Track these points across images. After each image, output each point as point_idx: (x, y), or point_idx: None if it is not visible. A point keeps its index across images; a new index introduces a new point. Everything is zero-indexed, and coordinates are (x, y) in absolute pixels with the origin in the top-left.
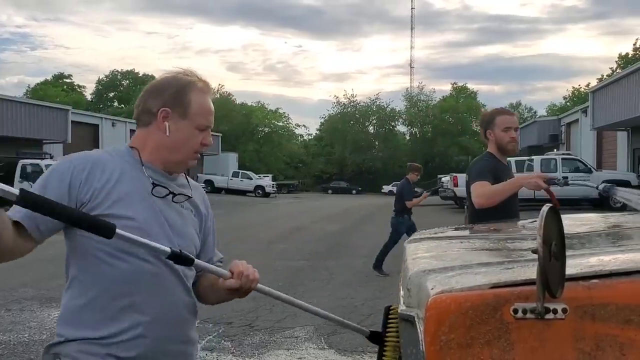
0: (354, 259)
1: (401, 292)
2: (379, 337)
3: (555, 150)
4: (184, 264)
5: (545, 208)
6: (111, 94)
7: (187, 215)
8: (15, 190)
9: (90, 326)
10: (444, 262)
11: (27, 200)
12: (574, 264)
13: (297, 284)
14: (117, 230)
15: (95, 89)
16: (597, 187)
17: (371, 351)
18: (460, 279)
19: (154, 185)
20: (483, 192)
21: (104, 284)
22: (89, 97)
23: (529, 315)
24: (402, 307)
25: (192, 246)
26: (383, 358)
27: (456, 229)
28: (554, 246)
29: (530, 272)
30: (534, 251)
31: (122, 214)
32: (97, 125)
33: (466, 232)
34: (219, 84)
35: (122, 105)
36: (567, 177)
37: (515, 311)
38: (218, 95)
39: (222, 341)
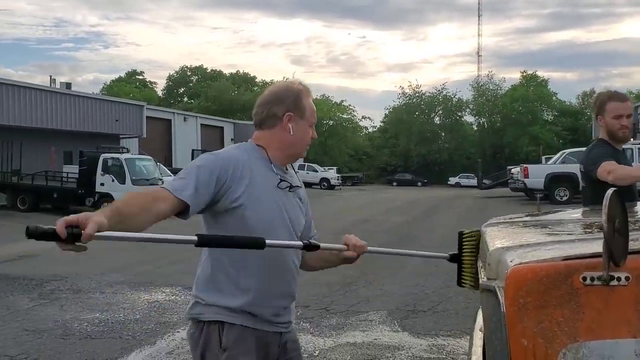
0: (423, 249)
1: (480, 267)
2: (457, 257)
3: (632, 139)
4: (313, 249)
5: (610, 191)
6: (181, 90)
7: (298, 204)
8: (193, 238)
9: (232, 295)
10: (520, 241)
11: (204, 241)
12: (636, 240)
13: (367, 272)
14: (267, 241)
15: (165, 84)
16: None
17: (444, 334)
18: (535, 253)
19: (280, 180)
20: (616, 169)
21: (241, 260)
22: (160, 93)
23: (596, 282)
24: (482, 280)
25: (301, 227)
26: (462, 274)
27: (528, 215)
28: (618, 223)
29: (597, 246)
30: (600, 227)
31: (254, 208)
32: (170, 120)
33: (538, 218)
34: (284, 77)
35: (192, 101)
36: None
37: (584, 279)
38: None
39: (301, 322)
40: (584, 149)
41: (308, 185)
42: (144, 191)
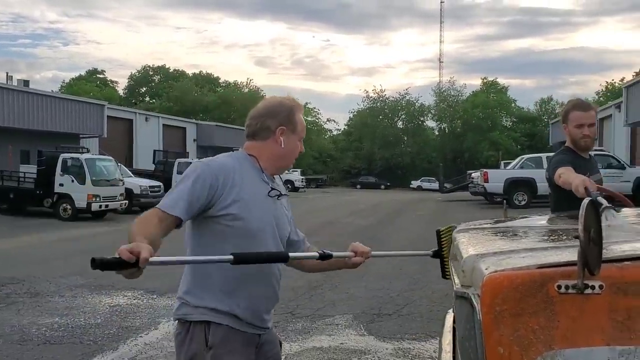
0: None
1: (454, 275)
2: (439, 253)
3: None
4: (327, 259)
5: (586, 201)
6: (143, 89)
7: (284, 210)
8: (229, 257)
9: (218, 298)
10: (494, 248)
11: (239, 260)
12: (610, 249)
13: (333, 275)
14: (290, 254)
15: (127, 84)
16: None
17: (409, 338)
18: (510, 261)
19: (271, 189)
20: (563, 173)
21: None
22: (121, 92)
23: (570, 290)
24: (456, 287)
25: (286, 234)
26: (445, 268)
27: (497, 221)
28: (593, 233)
29: (571, 255)
30: (576, 236)
31: (243, 216)
32: (131, 120)
33: (507, 224)
34: (248, 79)
35: (154, 100)
36: (598, 195)
37: (559, 287)
38: (247, 90)
39: None
40: (542, 154)
41: None
42: (144, 216)
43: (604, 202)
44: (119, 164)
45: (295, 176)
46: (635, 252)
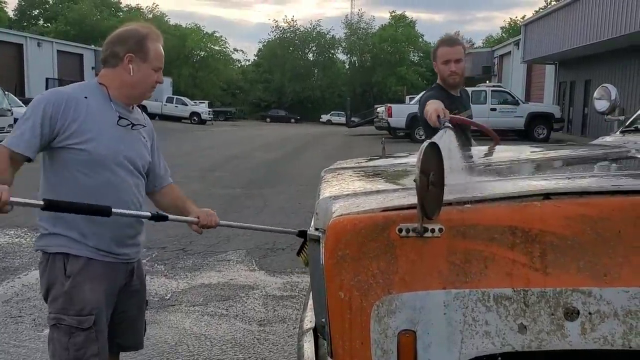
0: (289, 186)
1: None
2: (305, 233)
3: (487, 82)
4: (161, 220)
5: (425, 144)
6: (36, 12)
7: (141, 140)
8: (40, 202)
9: (68, 225)
10: (349, 190)
11: (51, 206)
12: (453, 191)
13: (231, 211)
14: (113, 210)
15: (17, 4)
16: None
17: (299, 272)
18: (358, 203)
19: (120, 117)
20: (426, 107)
21: (79, 193)
22: (10, 14)
23: (411, 234)
24: (311, 229)
25: (145, 163)
26: (304, 249)
27: (370, 160)
28: (432, 176)
29: (415, 198)
30: (415, 180)
31: (87, 145)
32: (22, 45)
33: (376, 163)
34: (153, 3)
35: (49, 24)
36: (446, 123)
37: (400, 230)
38: (151, 16)
39: (155, 265)
40: None
41: (177, 119)
42: None
43: (452, 130)
44: (7, 93)
45: (202, 108)
46: (477, 194)
